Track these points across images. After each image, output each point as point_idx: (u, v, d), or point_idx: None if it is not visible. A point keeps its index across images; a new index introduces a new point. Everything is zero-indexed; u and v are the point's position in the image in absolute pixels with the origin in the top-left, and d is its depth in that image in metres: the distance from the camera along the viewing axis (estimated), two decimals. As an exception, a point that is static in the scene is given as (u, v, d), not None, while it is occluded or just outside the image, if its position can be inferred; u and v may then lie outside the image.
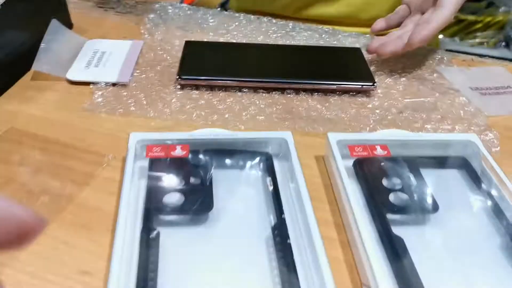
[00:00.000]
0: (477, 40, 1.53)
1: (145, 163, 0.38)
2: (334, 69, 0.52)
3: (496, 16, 1.49)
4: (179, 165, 0.37)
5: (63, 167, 0.39)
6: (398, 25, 0.57)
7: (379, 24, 0.58)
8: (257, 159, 0.39)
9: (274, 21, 0.64)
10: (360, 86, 0.49)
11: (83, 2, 0.65)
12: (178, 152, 0.38)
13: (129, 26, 0.61)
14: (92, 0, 0.66)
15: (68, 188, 0.37)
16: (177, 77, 0.48)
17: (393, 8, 0.75)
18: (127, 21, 0.62)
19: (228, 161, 0.39)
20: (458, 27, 1.52)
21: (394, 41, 0.52)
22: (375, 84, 0.49)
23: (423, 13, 0.54)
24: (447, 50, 0.73)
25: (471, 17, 1.48)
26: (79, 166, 0.39)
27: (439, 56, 0.58)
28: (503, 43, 1.53)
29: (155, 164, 0.37)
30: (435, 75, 0.54)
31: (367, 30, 0.77)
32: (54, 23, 0.52)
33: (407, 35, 0.50)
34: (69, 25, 0.59)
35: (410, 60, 0.57)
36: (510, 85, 0.54)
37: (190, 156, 0.38)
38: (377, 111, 0.47)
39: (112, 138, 0.42)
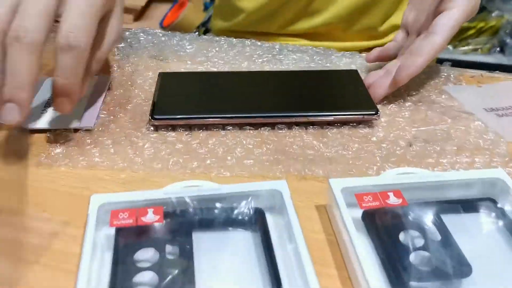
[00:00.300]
0: (471, 46, 1.48)
1: (111, 231, 0.31)
2: (330, 97, 0.45)
3: (488, 22, 1.45)
4: (151, 234, 0.30)
5: (7, 241, 0.32)
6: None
7: (373, 54, 0.52)
8: (247, 216, 0.33)
9: (259, 43, 0.58)
10: (361, 116, 0.43)
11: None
12: (150, 217, 0.31)
13: (98, 58, 0.54)
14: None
15: (13, 268, 0.30)
16: (150, 117, 0.42)
17: (387, 16, 0.69)
18: (95, 53, 0.55)
19: (211, 221, 0.32)
20: (450, 35, 1.47)
21: (384, 80, 0.46)
22: (378, 112, 0.43)
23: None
24: (438, 59, 0.68)
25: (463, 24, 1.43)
26: (29, 238, 0.32)
27: (445, 74, 0.52)
28: (498, 49, 1.49)
29: (122, 233, 0.31)
30: (443, 96, 0.48)
31: (362, 44, 0.71)
32: (8, 61, 0.45)
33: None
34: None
35: (413, 81, 0.50)
36: (527, 103, 0.48)
37: (164, 220, 0.31)
38: (383, 145, 0.41)
39: (72, 199, 0.35)
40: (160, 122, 0.42)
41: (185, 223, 0.32)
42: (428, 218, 0.32)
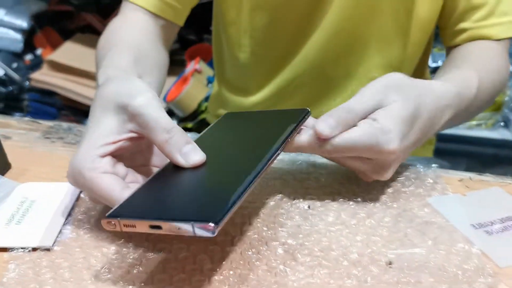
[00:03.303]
0: (474, 122, 1.46)
1: None
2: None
3: (491, 98, 1.44)
4: None
5: None
6: None
7: None
8: None
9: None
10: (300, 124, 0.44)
11: (29, 133, 0.59)
12: None
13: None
14: (39, 130, 0.60)
15: None
16: (213, 224, 0.31)
17: None
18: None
19: None
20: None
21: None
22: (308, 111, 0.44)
23: None
24: (440, 136, 0.66)
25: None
26: None
27: (431, 181, 0.50)
28: (501, 123, 1.47)
29: None
30: (426, 210, 0.46)
31: None
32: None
33: None
34: (5, 167, 0.52)
35: (395, 191, 0.48)
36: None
37: None
38: (355, 271, 0.38)
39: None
40: (222, 224, 0.31)
41: None
42: None
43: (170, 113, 1.51)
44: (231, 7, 0.68)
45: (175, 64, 1.63)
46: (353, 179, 0.50)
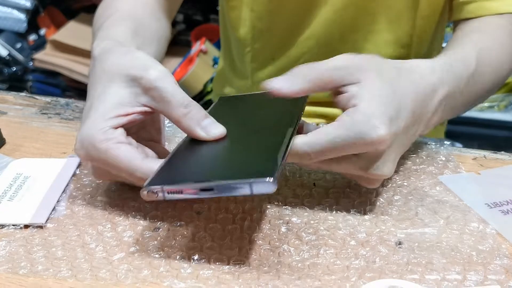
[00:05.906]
0: (486, 104, 1.42)
1: None
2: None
3: (504, 79, 1.40)
4: None
5: None
6: None
7: None
8: None
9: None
10: None
11: (26, 109, 0.57)
12: None
13: (74, 136, 0.52)
14: (36, 105, 0.58)
15: None
16: (270, 180, 0.30)
17: None
18: (72, 130, 0.53)
19: None
20: (465, 92, 1.42)
21: None
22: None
23: None
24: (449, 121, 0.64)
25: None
26: None
27: (443, 159, 0.48)
28: (514, 106, 1.43)
29: None
30: (438, 188, 0.43)
31: None
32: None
33: None
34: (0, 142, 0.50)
35: (405, 169, 0.46)
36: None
37: None
38: (363, 251, 0.36)
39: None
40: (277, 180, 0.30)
41: None
42: None
43: (175, 94, 1.48)
44: None
45: (181, 45, 1.60)
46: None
